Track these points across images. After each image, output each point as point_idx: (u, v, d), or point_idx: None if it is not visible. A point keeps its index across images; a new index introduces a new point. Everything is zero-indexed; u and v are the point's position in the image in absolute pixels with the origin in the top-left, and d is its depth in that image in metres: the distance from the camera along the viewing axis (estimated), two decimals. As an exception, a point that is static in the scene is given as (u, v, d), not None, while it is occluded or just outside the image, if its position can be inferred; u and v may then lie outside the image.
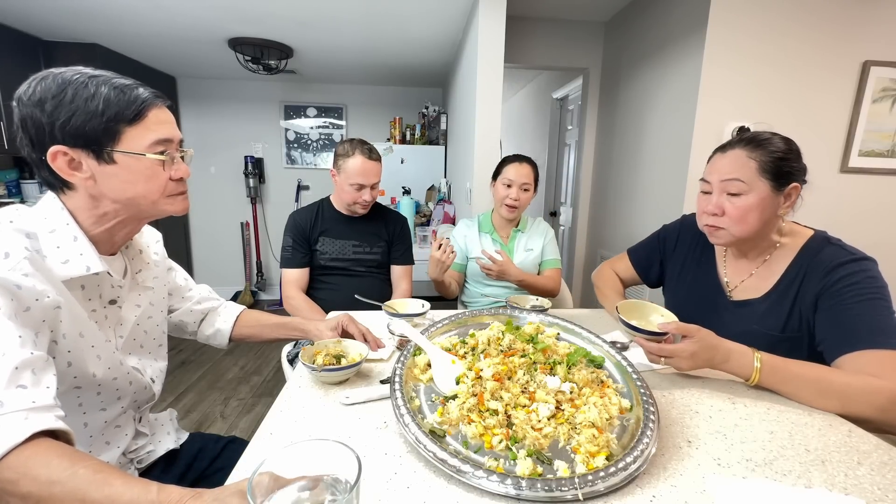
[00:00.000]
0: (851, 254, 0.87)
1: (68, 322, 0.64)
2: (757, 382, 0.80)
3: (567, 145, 3.66)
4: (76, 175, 0.66)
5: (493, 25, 2.13)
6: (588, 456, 0.59)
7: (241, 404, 2.42)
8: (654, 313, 0.92)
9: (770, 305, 0.94)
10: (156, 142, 0.68)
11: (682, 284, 1.13)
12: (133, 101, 0.66)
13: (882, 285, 0.83)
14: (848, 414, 0.75)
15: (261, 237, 4.40)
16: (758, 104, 1.92)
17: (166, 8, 2.43)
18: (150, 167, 0.68)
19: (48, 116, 0.62)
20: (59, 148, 0.63)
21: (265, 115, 4.21)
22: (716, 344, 0.80)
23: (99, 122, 0.64)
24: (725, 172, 0.90)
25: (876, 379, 0.74)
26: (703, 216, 0.96)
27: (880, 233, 2.14)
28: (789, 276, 0.93)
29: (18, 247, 0.60)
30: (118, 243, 0.76)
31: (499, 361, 0.76)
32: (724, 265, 1.05)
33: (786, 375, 0.78)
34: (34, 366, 0.55)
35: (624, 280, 1.32)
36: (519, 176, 1.61)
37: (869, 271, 0.84)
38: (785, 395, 0.80)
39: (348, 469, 0.51)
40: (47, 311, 0.61)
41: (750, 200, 0.88)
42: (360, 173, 1.55)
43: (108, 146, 0.65)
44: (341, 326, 1.02)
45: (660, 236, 1.23)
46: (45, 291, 0.60)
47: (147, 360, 0.85)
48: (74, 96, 0.63)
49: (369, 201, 1.62)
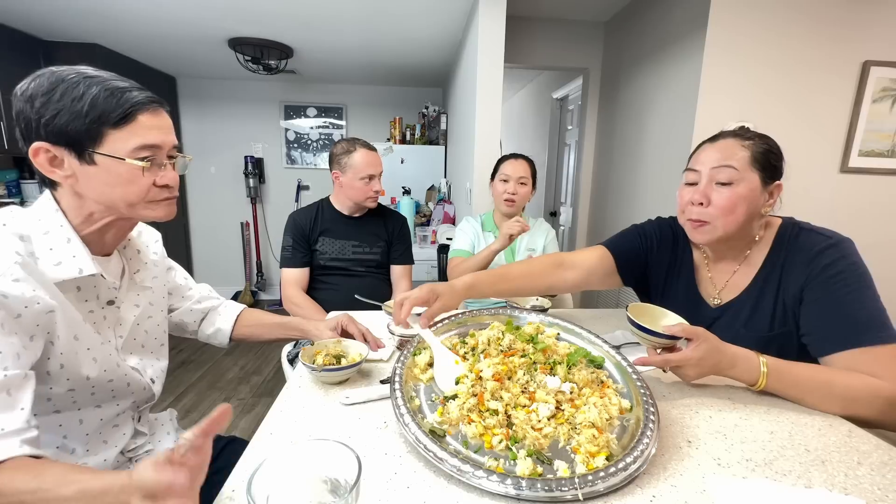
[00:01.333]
0: (828, 237, 0.85)
1: (63, 325, 0.65)
2: (764, 388, 0.78)
3: (567, 145, 3.65)
4: (56, 172, 0.66)
5: (493, 25, 2.13)
6: (588, 456, 0.59)
7: (241, 404, 2.42)
8: (664, 317, 0.86)
9: (753, 304, 0.92)
10: (140, 147, 0.67)
11: (668, 298, 1.06)
12: (121, 105, 0.65)
13: (864, 270, 0.82)
14: (848, 415, 0.75)
15: (261, 237, 4.40)
16: (758, 104, 1.92)
17: (166, 8, 2.43)
18: (129, 171, 0.67)
19: (36, 113, 0.63)
20: (41, 144, 0.64)
21: (265, 115, 4.21)
22: (721, 348, 0.77)
23: (82, 122, 0.64)
24: (717, 159, 0.87)
25: (874, 380, 0.74)
26: (688, 209, 0.91)
27: (880, 233, 2.14)
28: (767, 269, 0.91)
29: (9, 251, 0.60)
30: (110, 244, 0.76)
31: (499, 361, 0.76)
32: (708, 271, 1.00)
33: (791, 380, 0.77)
34: (10, 387, 0.55)
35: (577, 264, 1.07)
36: (515, 171, 1.64)
37: (850, 256, 0.82)
38: (789, 399, 0.79)
39: (348, 469, 0.51)
40: (40, 316, 0.61)
41: (739, 190, 0.85)
42: (369, 164, 1.59)
43: (89, 147, 0.65)
44: (341, 326, 1.02)
45: (638, 231, 1.10)
46: (35, 297, 0.60)
47: (149, 359, 0.85)
48: (63, 95, 0.63)
49: (380, 191, 1.64)
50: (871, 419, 0.74)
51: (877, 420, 0.74)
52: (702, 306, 1.00)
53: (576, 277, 1.07)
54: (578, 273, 1.07)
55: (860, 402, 0.74)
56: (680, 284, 1.04)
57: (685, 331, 0.76)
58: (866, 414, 0.74)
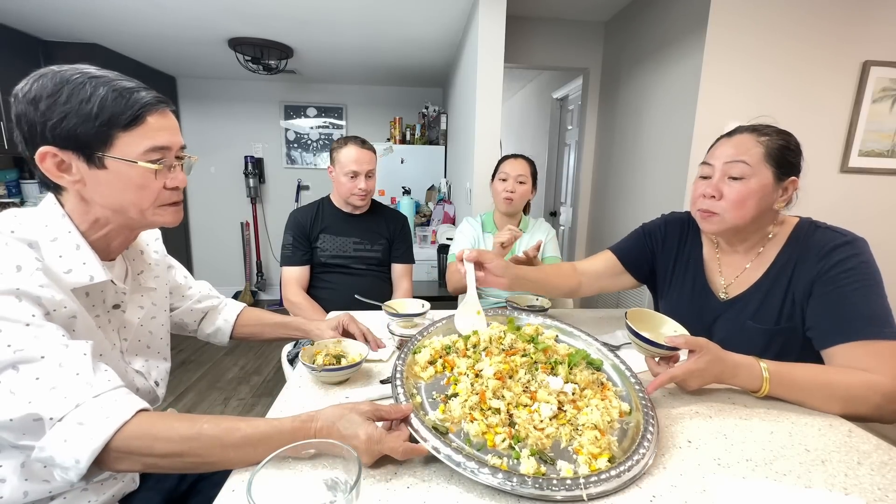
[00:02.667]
0: (843, 235, 0.86)
1: (81, 331, 0.64)
2: (767, 393, 0.78)
3: (567, 145, 3.65)
4: (64, 177, 0.64)
5: (493, 25, 2.13)
6: (590, 457, 0.59)
7: (241, 404, 2.42)
8: (664, 325, 0.86)
9: (762, 297, 0.93)
10: (151, 149, 0.66)
11: (675, 290, 1.09)
12: (131, 106, 0.63)
13: (875, 270, 0.82)
14: (847, 414, 0.75)
15: (261, 237, 4.40)
16: (758, 104, 1.92)
17: (166, 8, 2.43)
18: (141, 175, 0.66)
19: (41, 116, 0.61)
20: (48, 149, 0.62)
21: (265, 115, 4.21)
22: (723, 357, 0.77)
23: (92, 125, 0.62)
24: (731, 155, 0.88)
25: (872, 376, 0.74)
26: (699, 200, 0.93)
27: (880, 233, 2.13)
28: (779, 264, 0.92)
29: (29, 258, 0.59)
30: (115, 250, 0.75)
31: (500, 360, 0.76)
32: (718, 263, 1.03)
33: (792, 384, 0.77)
34: (82, 350, 0.58)
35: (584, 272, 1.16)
36: (514, 169, 1.63)
37: (862, 254, 0.83)
38: (791, 402, 0.79)
39: (348, 469, 0.51)
40: (65, 320, 0.61)
41: (751, 185, 0.86)
42: (353, 160, 1.58)
43: (100, 151, 0.63)
44: (342, 326, 1.02)
45: (645, 231, 1.16)
46: (62, 301, 0.60)
47: (154, 360, 0.84)
48: (70, 97, 0.61)
49: (365, 190, 1.62)
50: (868, 415, 0.75)
51: (873, 416, 0.75)
52: (710, 298, 1.01)
53: (589, 282, 1.16)
54: (590, 278, 1.16)
55: (859, 400, 0.74)
56: (688, 276, 1.06)
57: (688, 342, 0.75)
58: (864, 411, 0.74)
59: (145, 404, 0.59)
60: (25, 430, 0.53)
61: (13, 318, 0.55)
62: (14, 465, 0.62)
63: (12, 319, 0.55)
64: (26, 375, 0.54)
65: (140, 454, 0.55)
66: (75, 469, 0.53)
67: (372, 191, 1.66)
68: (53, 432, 0.52)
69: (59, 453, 0.52)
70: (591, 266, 1.17)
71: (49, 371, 0.54)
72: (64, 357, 0.56)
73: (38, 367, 0.54)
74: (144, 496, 0.79)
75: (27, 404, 0.52)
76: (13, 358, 0.53)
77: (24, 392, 0.53)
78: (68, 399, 0.54)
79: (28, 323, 0.56)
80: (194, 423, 0.57)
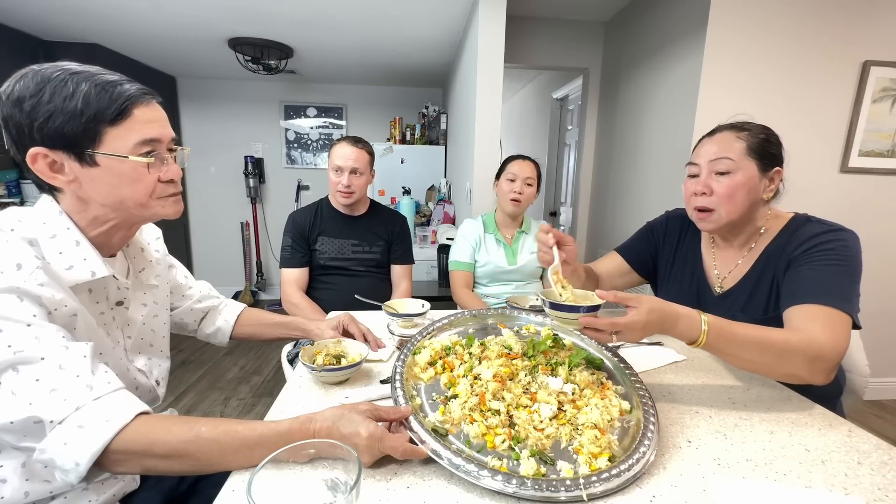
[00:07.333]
0: (830, 226, 0.89)
1: (81, 330, 0.64)
2: (704, 345, 0.75)
3: (567, 145, 3.65)
4: (58, 178, 0.63)
5: (493, 25, 2.13)
6: (591, 457, 0.59)
7: (241, 404, 2.42)
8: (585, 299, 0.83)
9: (751, 289, 0.95)
10: (141, 142, 0.65)
11: (673, 283, 1.13)
12: (115, 100, 0.62)
13: (853, 255, 0.83)
14: (781, 372, 0.76)
15: (261, 237, 4.40)
16: (758, 104, 1.92)
17: (166, 8, 2.43)
18: (134, 169, 0.65)
19: (27, 116, 0.60)
20: (38, 150, 0.61)
21: (265, 115, 4.21)
22: (664, 308, 0.76)
23: (78, 122, 0.60)
24: (715, 152, 0.92)
25: (809, 333, 0.75)
26: (693, 199, 0.97)
27: (880, 233, 2.14)
28: (766, 255, 0.95)
29: (29, 256, 0.59)
30: (116, 246, 0.75)
31: (501, 363, 0.76)
32: (714, 258, 1.05)
33: (731, 338, 0.75)
34: (82, 352, 0.58)
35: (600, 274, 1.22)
36: (522, 171, 1.64)
37: (845, 241, 0.85)
38: (727, 358, 0.78)
39: (348, 469, 0.51)
40: (66, 319, 0.61)
41: (737, 178, 0.90)
42: (339, 156, 1.59)
43: (89, 148, 0.62)
44: (342, 326, 1.02)
45: (648, 228, 1.22)
46: (63, 300, 0.60)
47: (156, 359, 0.84)
48: (53, 95, 0.60)
49: (347, 186, 1.60)
50: (798, 374, 0.75)
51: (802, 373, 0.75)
52: (706, 292, 1.05)
53: (603, 284, 1.22)
54: (604, 279, 1.22)
55: (790, 355, 0.74)
56: (686, 271, 1.10)
57: (618, 297, 0.75)
58: (795, 369, 0.74)
59: (145, 407, 0.59)
60: (26, 432, 0.53)
61: (14, 318, 0.55)
62: (15, 466, 0.62)
63: (13, 319, 0.55)
64: (26, 377, 0.54)
65: (139, 457, 0.55)
66: (75, 471, 0.53)
67: (359, 190, 1.63)
68: (53, 435, 0.52)
69: (60, 456, 0.52)
70: (605, 267, 1.23)
71: (49, 373, 0.54)
72: (64, 359, 0.56)
73: (38, 369, 0.54)
74: (145, 496, 0.79)
75: (28, 406, 0.52)
76: (13, 359, 0.53)
77: (25, 394, 0.53)
78: (68, 401, 0.54)
79: (29, 323, 0.56)
80: (192, 426, 0.57)
